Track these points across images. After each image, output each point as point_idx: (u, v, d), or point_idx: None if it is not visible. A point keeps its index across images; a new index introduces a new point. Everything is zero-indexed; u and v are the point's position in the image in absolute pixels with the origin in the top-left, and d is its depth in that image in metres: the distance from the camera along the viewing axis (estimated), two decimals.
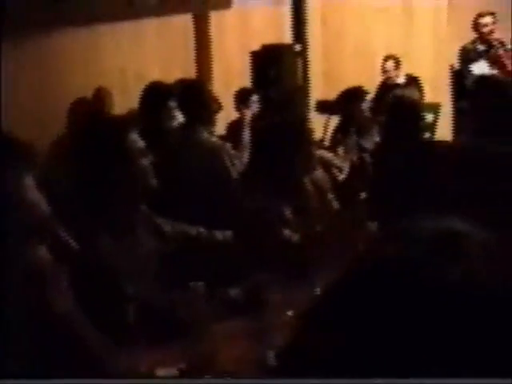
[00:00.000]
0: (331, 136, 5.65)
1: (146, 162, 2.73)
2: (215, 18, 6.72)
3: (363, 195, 3.82)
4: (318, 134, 6.18)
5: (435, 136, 6.74)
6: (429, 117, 6.78)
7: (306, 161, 3.35)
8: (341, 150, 4.97)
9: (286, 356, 0.73)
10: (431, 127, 6.78)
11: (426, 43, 7.67)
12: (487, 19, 6.65)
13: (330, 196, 3.46)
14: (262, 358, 2.29)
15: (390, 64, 6.80)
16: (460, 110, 6.55)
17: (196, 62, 6.47)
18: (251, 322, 2.52)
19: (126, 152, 2.66)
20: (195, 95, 4.47)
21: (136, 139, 2.72)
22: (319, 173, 3.52)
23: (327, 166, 3.81)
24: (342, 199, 3.47)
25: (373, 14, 7.76)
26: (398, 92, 4.29)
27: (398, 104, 3.85)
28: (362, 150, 5.03)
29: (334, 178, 3.76)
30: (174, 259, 3.00)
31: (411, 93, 3.96)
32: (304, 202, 3.30)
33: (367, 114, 5.24)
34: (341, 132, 5.36)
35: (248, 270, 2.99)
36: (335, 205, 3.47)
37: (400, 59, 6.84)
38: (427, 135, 6.69)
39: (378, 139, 4.74)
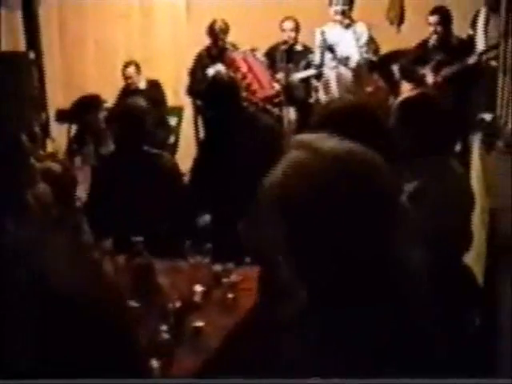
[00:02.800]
0: (67, 146, 5.52)
1: None
2: None
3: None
4: (61, 143, 6.04)
5: (180, 138, 6.89)
6: (173, 120, 6.91)
7: (26, 175, 3.25)
8: (78, 160, 4.87)
9: None
10: (175, 130, 6.90)
11: (167, 48, 7.78)
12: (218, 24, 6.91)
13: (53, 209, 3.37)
14: None
15: (131, 70, 6.80)
16: (199, 112, 6.75)
17: None
18: None
19: None
20: None
21: None
22: (41, 186, 3.42)
23: (55, 178, 3.68)
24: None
25: (113, 19, 7.71)
26: (126, 101, 4.30)
27: (123, 113, 3.84)
28: (102, 157, 4.96)
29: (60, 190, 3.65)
30: None
31: (136, 101, 3.97)
32: (25, 215, 3.19)
33: (103, 122, 5.18)
34: (78, 141, 5.26)
35: None
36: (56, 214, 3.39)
37: (140, 65, 6.87)
38: (172, 138, 6.82)
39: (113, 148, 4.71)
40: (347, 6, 6.68)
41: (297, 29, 7.07)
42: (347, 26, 6.68)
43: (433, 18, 6.51)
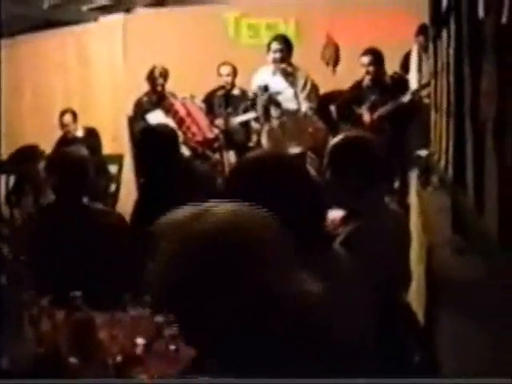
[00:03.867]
0: (5, 198, 5.45)
1: None
2: None
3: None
4: None
5: (121, 186, 6.85)
6: (113, 168, 6.89)
7: None
8: (16, 212, 4.81)
9: None
10: (116, 178, 6.88)
11: (105, 95, 7.78)
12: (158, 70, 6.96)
13: None
14: None
15: (68, 118, 6.79)
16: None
17: None
18: None
19: None
20: None
21: None
22: None
23: None
24: None
25: (50, 67, 7.70)
26: (66, 149, 4.24)
27: (63, 162, 3.75)
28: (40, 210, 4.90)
29: None
30: None
31: (76, 149, 3.91)
32: None
33: (42, 172, 5.11)
34: (16, 193, 5.20)
35: None
36: None
37: (77, 112, 6.86)
38: (113, 187, 6.79)
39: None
40: (286, 52, 6.69)
41: (234, 73, 7.15)
42: (288, 75, 6.69)
43: (365, 59, 6.65)
